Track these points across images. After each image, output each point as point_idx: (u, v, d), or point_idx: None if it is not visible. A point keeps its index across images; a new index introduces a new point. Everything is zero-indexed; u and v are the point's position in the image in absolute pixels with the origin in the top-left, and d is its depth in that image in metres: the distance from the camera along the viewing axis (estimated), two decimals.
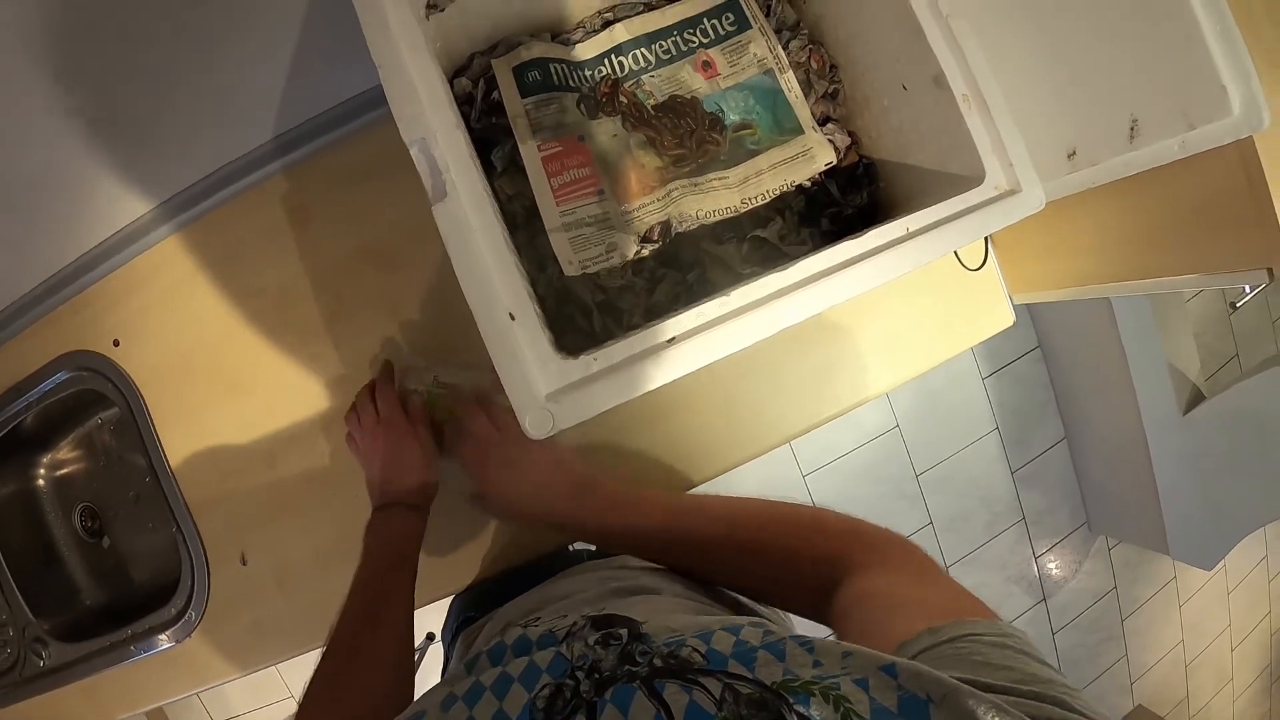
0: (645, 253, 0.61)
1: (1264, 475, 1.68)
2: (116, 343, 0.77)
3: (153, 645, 0.78)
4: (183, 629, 0.77)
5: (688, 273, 0.62)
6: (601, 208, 0.60)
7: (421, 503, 0.62)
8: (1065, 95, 0.62)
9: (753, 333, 0.46)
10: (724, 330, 0.46)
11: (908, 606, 0.35)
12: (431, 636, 1.49)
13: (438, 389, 0.65)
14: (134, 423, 0.77)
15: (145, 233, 0.75)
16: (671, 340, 0.46)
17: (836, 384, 0.78)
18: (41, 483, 0.90)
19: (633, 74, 0.65)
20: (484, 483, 0.59)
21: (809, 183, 0.64)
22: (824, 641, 0.30)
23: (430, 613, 0.72)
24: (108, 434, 0.91)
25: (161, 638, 0.78)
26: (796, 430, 0.77)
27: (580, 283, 0.60)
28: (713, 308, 0.47)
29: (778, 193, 0.63)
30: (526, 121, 0.61)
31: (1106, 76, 0.59)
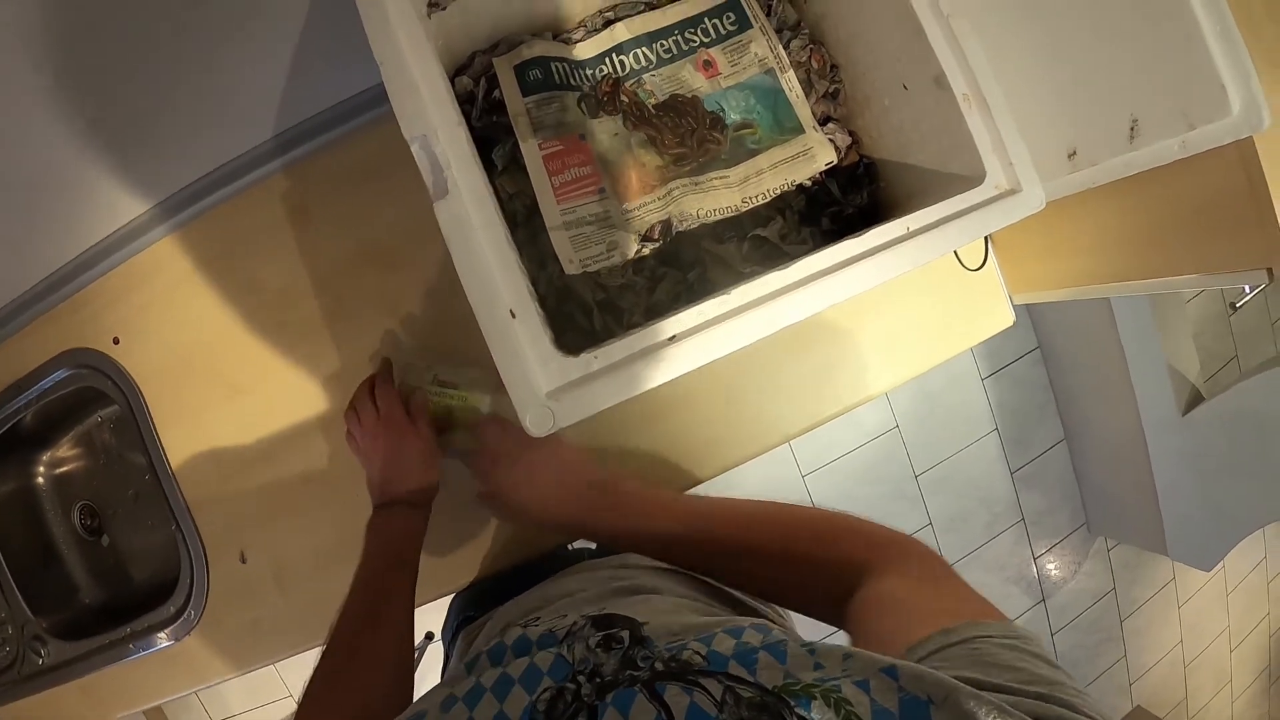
0: (646, 251, 0.61)
1: (1263, 476, 1.68)
2: (116, 340, 0.77)
3: (151, 643, 0.78)
4: (181, 627, 0.77)
5: (688, 272, 0.62)
6: (602, 206, 0.60)
7: (422, 501, 0.62)
8: (1066, 95, 0.62)
9: (753, 331, 0.46)
10: (724, 328, 0.46)
11: (922, 610, 0.35)
12: (431, 636, 1.49)
13: (437, 387, 0.65)
14: (134, 421, 0.77)
15: (145, 231, 0.75)
16: (672, 338, 0.46)
17: (836, 383, 0.78)
18: (41, 480, 0.90)
19: (634, 73, 0.65)
20: (499, 485, 0.58)
21: (810, 182, 0.64)
22: (825, 644, 0.30)
23: (429, 612, 0.72)
24: (107, 432, 0.91)
25: (160, 636, 0.77)
26: (796, 430, 0.77)
27: (581, 281, 0.60)
28: (713, 306, 0.47)
29: (778, 192, 0.63)
30: (528, 120, 0.61)
31: (1107, 76, 0.59)
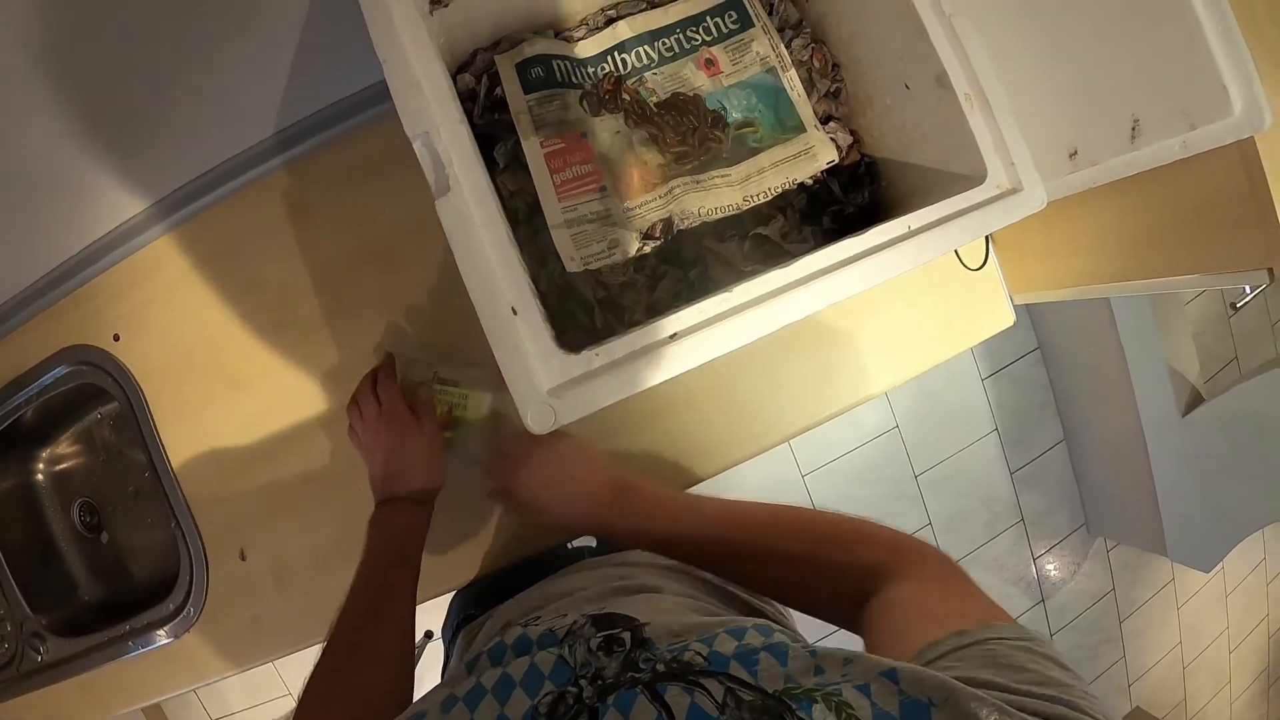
0: (647, 249, 0.61)
1: (1263, 477, 1.69)
2: (117, 337, 0.77)
3: (151, 641, 0.78)
4: (181, 625, 0.77)
5: (689, 270, 0.62)
6: (604, 204, 0.60)
7: (425, 498, 0.61)
8: (1067, 95, 0.62)
9: (754, 329, 0.46)
10: (725, 326, 0.46)
11: (937, 613, 0.36)
12: (430, 634, 1.48)
13: (438, 384, 0.65)
14: (134, 418, 0.77)
15: (146, 228, 0.75)
16: (673, 336, 0.46)
17: (837, 383, 0.78)
18: (40, 477, 0.90)
19: (635, 71, 0.65)
20: (521, 486, 0.57)
21: (811, 181, 0.64)
22: (826, 648, 0.30)
23: (428, 611, 0.72)
24: (107, 429, 0.90)
25: (159, 633, 0.77)
26: (797, 429, 0.77)
27: (582, 279, 0.60)
28: (714, 304, 0.47)
29: (779, 190, 0.63)
30: (529, 118, 0.61)
31: (1108, 76, 0.59)
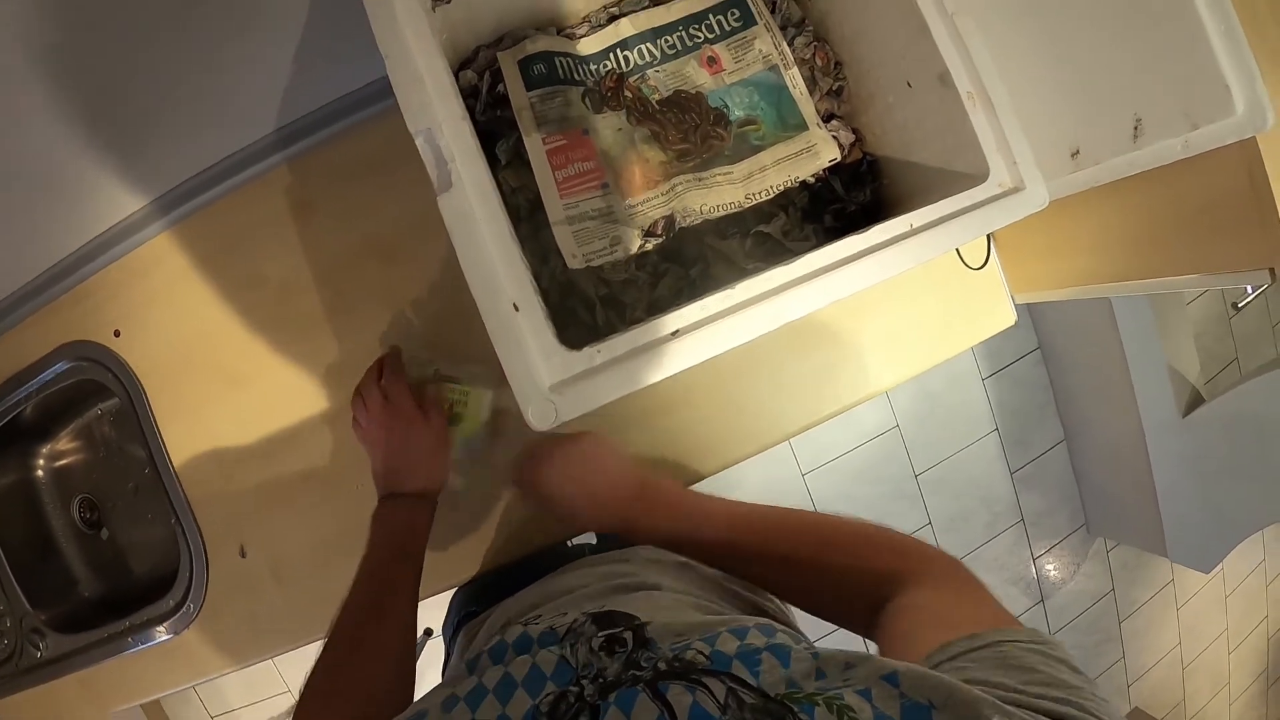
0: (649, 247, 0.61)
1: (1263, 478, 1.69)
2: (117, 333, 0.77)
3: (150, 637, 0.78)
4: (180, 621, 0.77)
5: (691, 267, 0.62)
6: (605, 201, 0.60)
7: (429, 493, 0.61)
8: (1069, 94, 0.62)
9: (756, 326, 0.46)
10: (727, 324, 0.46)
11: (952, 618, 0.36)
12: (430, 632, 1.48)
13: (439, 381, 0.65)
14: (134, 414, 0.77)
15: (147, 224, 0.75)
16: (675, 333, 0.46)
17: (837, 382, 0.77)
18: (40, 473, 0.90)
19: (638, 69, 0.65)
20: (549, 482, 0.55)
21: (813, 179, 0.64)
22: (827, 650, 0.30)
23: (428, 609, 0.71)
24: (107, 425, 0.90)
25: (159, 630, 0.77)
26: (797, 427, 0.77)
27: (583, 276, 0.60)
28: (716, 301, 0.47)
29: (781, 188, 0.63)
30: (531, 114, 0.61)
31: (1110, 76, 0.59)
